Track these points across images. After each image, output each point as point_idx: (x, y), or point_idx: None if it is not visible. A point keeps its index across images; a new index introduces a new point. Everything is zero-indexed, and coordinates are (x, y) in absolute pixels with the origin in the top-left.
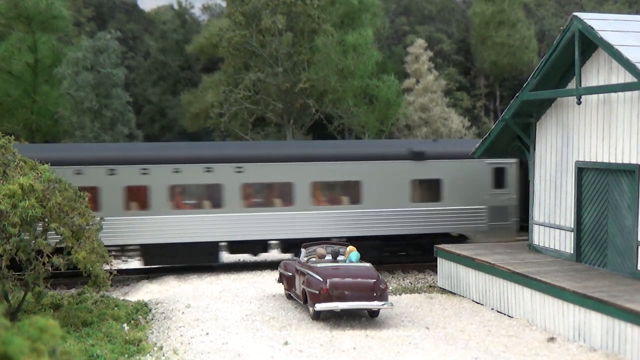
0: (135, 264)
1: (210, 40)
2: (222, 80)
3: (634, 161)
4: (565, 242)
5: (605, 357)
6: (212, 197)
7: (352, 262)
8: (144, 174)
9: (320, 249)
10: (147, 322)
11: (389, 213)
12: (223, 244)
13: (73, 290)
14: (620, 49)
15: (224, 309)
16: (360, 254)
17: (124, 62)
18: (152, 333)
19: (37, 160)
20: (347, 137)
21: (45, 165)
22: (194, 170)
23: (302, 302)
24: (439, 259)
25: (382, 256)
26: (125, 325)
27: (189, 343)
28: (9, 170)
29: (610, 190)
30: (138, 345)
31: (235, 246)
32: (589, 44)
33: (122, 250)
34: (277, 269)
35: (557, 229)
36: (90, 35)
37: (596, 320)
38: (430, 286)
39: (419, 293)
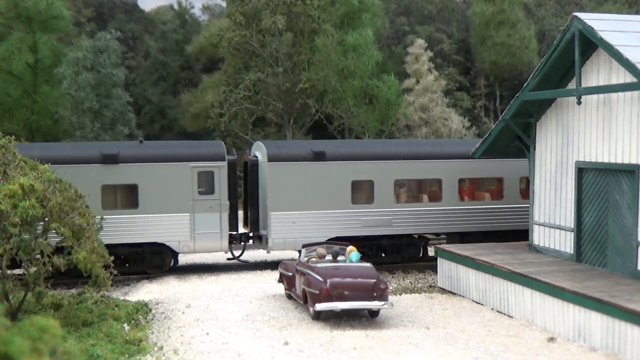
0: None
1: (210, 40)
2: (222, 80)
3: (634, 161)
4: (565, 242)
5: (605, 357)
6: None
7: (352, 262)
8: None
9: (320, 249)
10: (147, 322)
11: None
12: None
13: (73, 290)
14: (620, 49)
15: (224, 309)
16: None
17: (124, 62)
18: (152, 333)
19: None
20: (347, 137)
21: (46, 165)
22: None
23: (302, 302)
24: (439, 259)
25: None
26: (125, 325)
27: (189, 343)
28: (9, 170)
29: (610, 190)
30: (138, 345)
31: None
32: (589, 44)
33: None
34: (277, 269)
35: (557, 229)
36: (90, 35)
37: (596, 320)
38: (430, 286)
39: (419, 293)
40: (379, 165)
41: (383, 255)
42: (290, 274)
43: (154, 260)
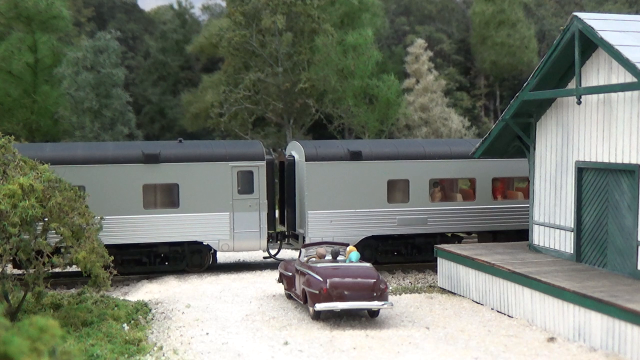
0: None
1: (210, 40)
2: (222, 80)
3: (634, 161)
4: (565, 242)
5: (605, 357)
6: None
7: (352, 262)
8: None
9: (320, 249)
10: (147, 322)
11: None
12: None
13: (73, 290)
14: (620, 49)
15: (224, 309)
16: None
17: (124, 62)
18: (152, 333)
19: None
20: (348, 137)
21: (45, 165)
22: None
23: (302, 302)
24: (439, 259)
25: None
26: (125, 325)
27: (189, 343)
28: (9, 170)
29: (610, 190)
30: (138, 345)
31: None
32: (589, 44)
33: None
34: (277, 269)
35: (557, 229)
36: (90, 35)
37: (596, 320)
38: (430, 286)
39: (419, 293)
40: (415, 164)
41: (417, 253)
42: (290, 274)
43: (193, 259)
